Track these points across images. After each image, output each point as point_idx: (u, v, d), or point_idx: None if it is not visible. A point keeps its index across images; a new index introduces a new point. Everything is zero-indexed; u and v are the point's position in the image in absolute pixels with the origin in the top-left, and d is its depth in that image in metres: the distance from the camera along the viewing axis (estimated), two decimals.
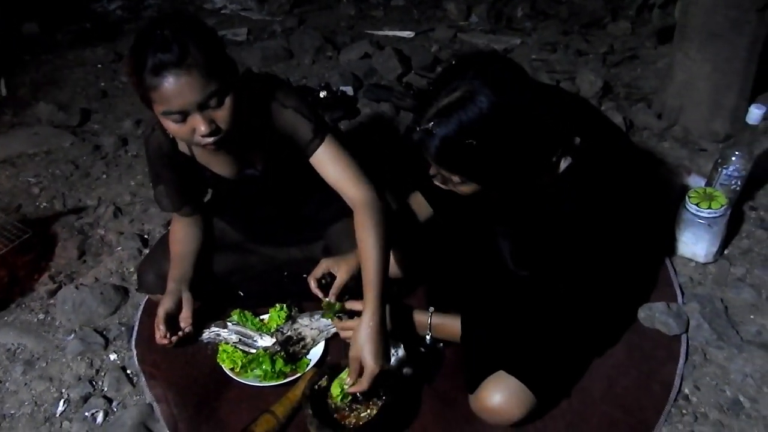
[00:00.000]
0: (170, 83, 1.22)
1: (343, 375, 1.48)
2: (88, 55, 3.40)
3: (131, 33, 3.66)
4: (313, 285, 1.56)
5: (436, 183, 1.31)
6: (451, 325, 1.52)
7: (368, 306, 1.39)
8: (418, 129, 1.18)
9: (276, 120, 1.48)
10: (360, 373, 1.40)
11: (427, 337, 1.57)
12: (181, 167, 1.59)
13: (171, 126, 1.30)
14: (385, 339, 1.42)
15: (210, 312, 1.76)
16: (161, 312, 1.59)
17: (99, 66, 3.31)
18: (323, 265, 1.56)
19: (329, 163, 1.51)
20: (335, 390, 1.49)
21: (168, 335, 1.59)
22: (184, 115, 1.27)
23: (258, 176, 1.59)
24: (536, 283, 1.44)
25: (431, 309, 1.56)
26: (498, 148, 1.16)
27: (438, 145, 1.16)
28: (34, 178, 2.44)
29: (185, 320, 1.61)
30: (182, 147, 1.56)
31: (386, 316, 1.45)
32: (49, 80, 3.18)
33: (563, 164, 1.30)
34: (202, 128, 1.28)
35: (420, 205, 1.76)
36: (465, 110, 1.12)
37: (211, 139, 1.31)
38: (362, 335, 1.38)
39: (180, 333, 1.61)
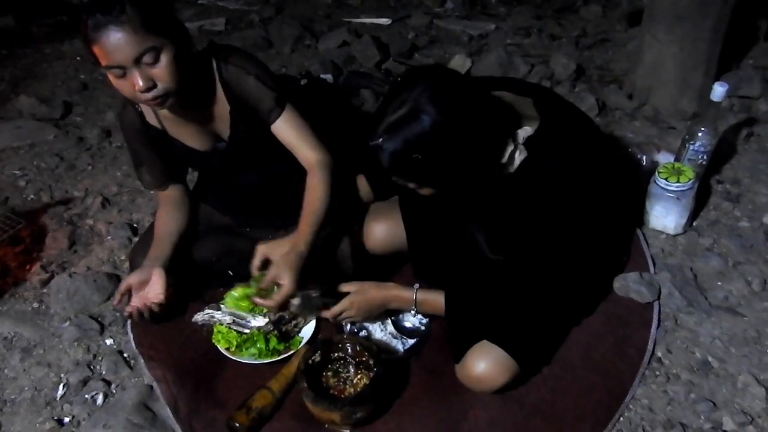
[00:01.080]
0: (107, 38, 1.30)
1: (250, 289, 1.59)
2: (66, 48, 3.39)
3: None
4: (255, 274, 1.62)
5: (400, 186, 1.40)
6: (435, 300, 1.58)
7: (300, 235, 1.54)
8: (370, 142, 1.27)
9: (237, 87, 1.57)
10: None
11: (413, 312, 1.64)
12: (155, 141, 1.66)
13: (114, 81, 1.38)
14: (304, 269, 1.53)
15: (201, 295, 1.83)
16: (123, 282, 1.64)
17: (78, 59, 3.30)
18: (260, 252, 1.58)
19: (288, 130, 1.62)
20: (230, 297, 1.64)
21: (125, 304, 1.63)
22: (123, 71, 1.35)
23: (225, 147, 1.66)
24: (513, 265, 1.52)
25: (416, 286, 1.62)
26: (442, 159, 1.25)
27: (388, 159, 1.26)
28: (20, 171, 2.45)
29: (156, 294, 1.64)
30: (152, 120, 1.63)
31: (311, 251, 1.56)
32: (28, 74, 3.17)
33: (518, 157, 1.37)
34: (139, 83, 1.35)
35: (362, 188, 1.86)
36: (410, 126, 1.21)
37: (149, 95, 1.38)
38: (289, 258, 1.51)
39: (145, 306, 1.63)
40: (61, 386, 1.65)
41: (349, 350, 1.59)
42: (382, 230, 1.77)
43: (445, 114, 1.20)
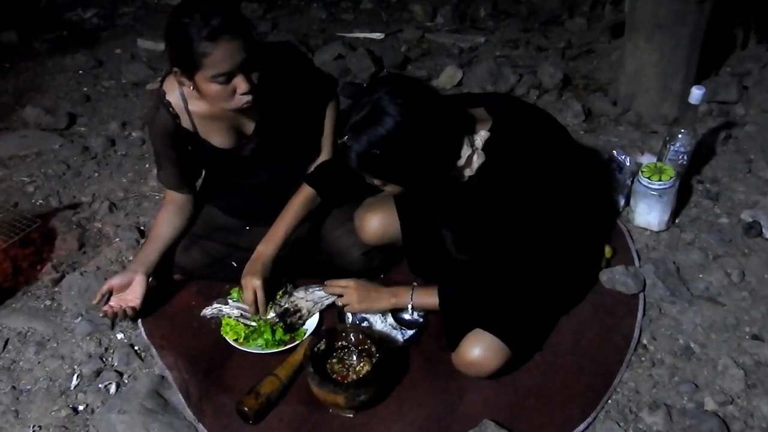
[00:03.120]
0: (223, 48, 1.42)
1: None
2: (68, 61, 3.47)
3: (108, 40, 3.78)
4: (261, 308, 1.76)
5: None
6: (429, 296, 1.68)
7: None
8: (338, 141, 1.40)
9: (294, 79, 1.72)
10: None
11: (409, 308, 1.73)
12: (184, 144, 1.75)
13: (213, 89, 1.49)
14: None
15: (208, 289, 1.91)
16: (105, 283, 1.75)
17: (80, 72, 3.39)
18: (249, 290, 1.72)
19: (330, 120, 1.83)
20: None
21: (103, 304, 1.73)
22: (230, 77, 1.46)
23: (252, 145, 1.78)
24: (481, 264, 1.64)
25: (414, 284, 1.72)
26: (402, 156, 1.38)
27: (354, 157, 1.38)
28: (28, 177, 2.53)
29: (133, 299, 1.75)
30: (185, 123, 1.72)
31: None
32: (31, 86, 3.25)
33: (476, 161, 1.49)
34: (243, 86, 1.48)
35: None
36: (371, 127, 1.34)
37: (250, 97, 1.51)
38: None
39: (120, 308, 1.72)
40: (74, 377, 1.71)
41: (353, 339, 1.67)
42: (377, 222, 1.83)
43: (403, 115, 1.33)
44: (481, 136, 1.49)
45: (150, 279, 1.81)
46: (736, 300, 1.84)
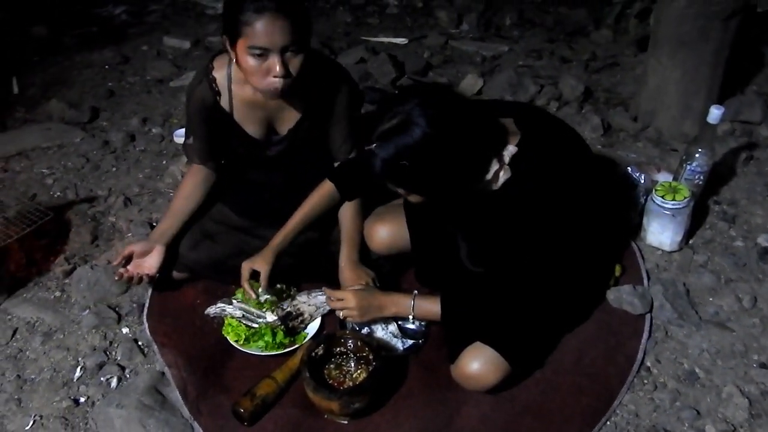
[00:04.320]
0: (266, 22, 1.46)
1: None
2: (95, 57, 3.54)
3: (136, 37, 3.83)
4: (247, 287, 1.76)
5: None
6: (431, 306, 1.66)
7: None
8: (365, 148, 1.38)
9: (328, 102, 1.75)
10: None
11: (410, 318, 1.72)
12: (217, 122, 1.79)
13: (249, 62, 1.52)
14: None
15: (214, 288, 1.93)
16: (127, 247, 1.80)
17: (106, 67, 3.45)
18: (246, 269, 1.75)
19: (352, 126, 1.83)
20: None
21: (121, 266, 1.76)
22: (265, 54, 1.49)
23: (281, 146, 1.82)
24: (494, 277, 1.61)
25: (414, 292, 1.70)
26: (429, 168, 1.35)
27: (380, 165, 1.36)
28: (48, 169, 2.58)
29: (150, 268, 1.79)
30: (224, 103, 1.76)
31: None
32: (58, 80, 3.32)
33: (503, 176, 1.47)
34: (278, 69, 1.51)
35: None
36: (400, 136, 1.32)
37: (280, 81, 1.53)
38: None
39: (139, 275, 1.77)
40: (78, 369, 1.74)
41: (351, 345, 1.67)
42: (386, 232, 1.84)
43: (434, 127, 1.31)
44: (509, 151, 1.47)
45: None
46: (746, 326, 1.80)
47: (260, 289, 1.77)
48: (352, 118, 1.81)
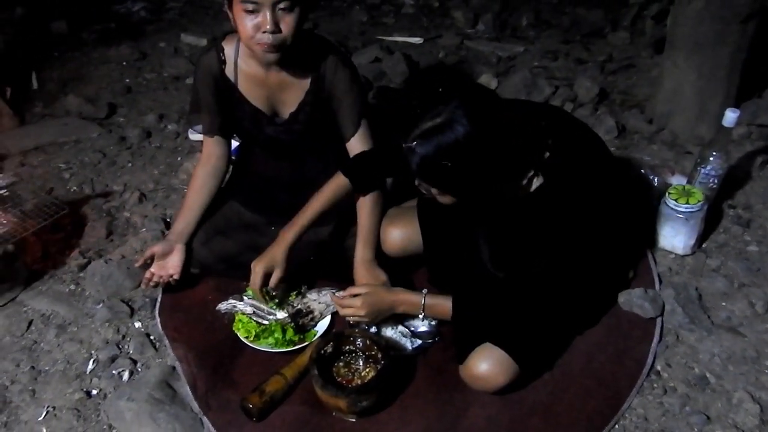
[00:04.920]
0: None
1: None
2: (113, 53, 3.57)
3: (153, 34, 3.87)
4: (260, 295, 1.77)
5: (421, 191, 1.48)
6: (442, 305, 1.65)
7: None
8: (403, 145, 1.36)
9: (330, 81, 1.75)
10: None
11: (420, 316, 1.72)
12: (222, 93, 1.81)
13: (242, 19, 1.53)
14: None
15: (226, 284, 1.94)
16: (148, 250, 1.83)
17: (124, 64, 3.49)
18: (259, 273, 1.72)
19: (359, 148, 1.83)
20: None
21: (145, 268, 1.82)
22: (257, 9, 1.51)
23: (285, 124, 1.83)
24: (514, 280, 1.60)
25: (424, 291, 1.70)
26: (469, 170, 1.34)
27: (418, 162, 1.35)
28: (65, 164, 2.62)
29: (174, 267, 1.84)
30: (229, 73, 1.78)
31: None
32: (76, 76, 3.36)
33: (536, 182, 1.47)
34: (268, 25, 1.52)
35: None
36: (443, 135, 1.31)
37: (271, 38, 1.54)
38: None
39: (162, 276, 1.83)
40: (91, 362, 1.77)
41: (360, 344, 1.68)
42: (399, 234, 1.85)
43: (477, 128, 1.30)
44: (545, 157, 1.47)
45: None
46: (759, 332, 1.78)
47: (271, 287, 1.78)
48: (355, 97, 1.79)
